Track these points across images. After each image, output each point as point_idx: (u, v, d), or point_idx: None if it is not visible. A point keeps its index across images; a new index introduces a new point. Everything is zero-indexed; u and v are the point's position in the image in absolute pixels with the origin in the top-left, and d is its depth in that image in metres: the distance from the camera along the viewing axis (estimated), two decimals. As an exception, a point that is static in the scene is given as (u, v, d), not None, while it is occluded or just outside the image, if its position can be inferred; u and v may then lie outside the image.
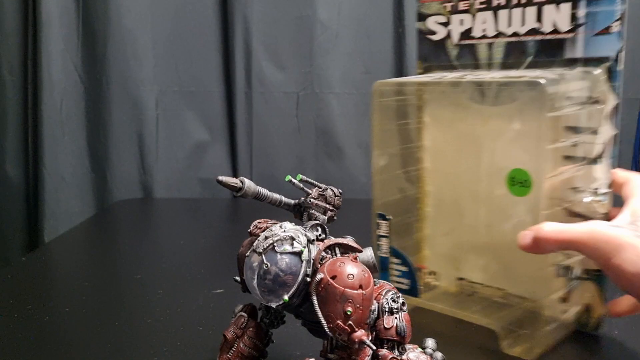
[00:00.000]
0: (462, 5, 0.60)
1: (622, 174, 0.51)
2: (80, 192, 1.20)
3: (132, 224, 1.08)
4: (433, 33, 0.63)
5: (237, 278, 0.45)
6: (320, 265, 0.40)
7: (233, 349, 0.43)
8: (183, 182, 1.24)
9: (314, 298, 0.38)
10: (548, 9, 0.54)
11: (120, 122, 1.19)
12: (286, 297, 0.39)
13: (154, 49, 1.18)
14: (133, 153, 1.21)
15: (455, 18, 0.61)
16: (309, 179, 0.44)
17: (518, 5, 0.56)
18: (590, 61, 0.52)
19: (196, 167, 1.25)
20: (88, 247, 0.92)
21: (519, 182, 0.52)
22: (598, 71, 0.51)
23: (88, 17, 1.15)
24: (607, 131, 0.52)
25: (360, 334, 0.37)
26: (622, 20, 0.50)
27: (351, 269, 0.38)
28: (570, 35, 0.52)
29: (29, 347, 0.53)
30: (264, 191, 0.43)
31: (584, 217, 0.51)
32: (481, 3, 0.59)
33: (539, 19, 0.54)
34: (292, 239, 0.40)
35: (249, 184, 0.42)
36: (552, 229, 0.46)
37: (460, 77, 0.56)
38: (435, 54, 0.63)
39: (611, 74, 0.51)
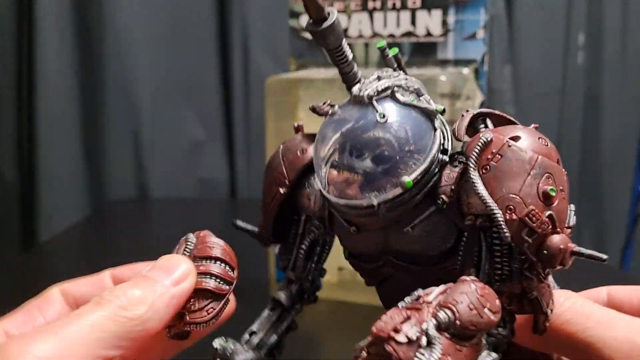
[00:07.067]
0: (337, 6, 0.64)
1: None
2: (76, 192, 1.19)
3: (128, 224, 1.07)
4: None
5: (241, 223, 0.32)
6: (468, 143, 0.25)
7: None
8: (180, 182, 1.23)
9: (474, 175, 0.23)
10: (421, 14, 0.60)
11: (116, 121, 1.17)
12: (410, 179, 0.24)
13: (149, 46, 1.17)
14: (129, 152, 1.19)
15: None
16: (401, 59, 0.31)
17: (393, 9, 0.61)
18: (460, 62, 0.60)
19: (193, 166, 1.23)
20: (83, 248, 0.92)
21: None
22: (467, 71, 0.59)
23: (83, 14, 1.14)
24: None
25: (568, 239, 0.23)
26: (486, 28, 0.58)
27: (538, 135, 0.25)
28: (441, 39, 0.60)
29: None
30: (347, 47, 0.29)
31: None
32: (357, 5, 0.63)
33: (413, 22, 0.61)
34: (418, 93, 0.26)
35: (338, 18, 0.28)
36: None
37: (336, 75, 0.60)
38: (310, 52, 0.67)
39: (478, 73, 0.59)
